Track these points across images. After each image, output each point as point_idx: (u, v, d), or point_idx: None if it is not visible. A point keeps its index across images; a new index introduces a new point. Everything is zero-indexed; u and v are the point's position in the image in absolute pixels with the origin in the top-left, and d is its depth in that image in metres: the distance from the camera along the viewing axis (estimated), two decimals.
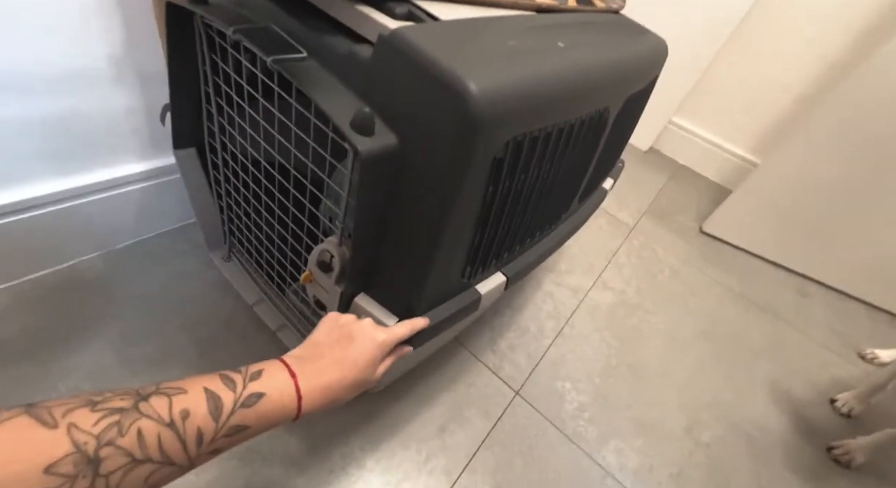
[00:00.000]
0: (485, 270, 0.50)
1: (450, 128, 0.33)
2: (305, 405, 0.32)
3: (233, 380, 0.30)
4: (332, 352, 0.36)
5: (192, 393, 0.27)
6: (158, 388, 0.27)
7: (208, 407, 0.27)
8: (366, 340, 0.38)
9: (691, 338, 0.97)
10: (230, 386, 0.29)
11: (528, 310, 0.91)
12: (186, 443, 0.26)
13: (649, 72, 0.61)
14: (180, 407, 0.26)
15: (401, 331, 0.41)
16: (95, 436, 0.22)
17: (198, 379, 0.29)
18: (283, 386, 0.32)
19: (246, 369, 0.32)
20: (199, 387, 0.28)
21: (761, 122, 1.50)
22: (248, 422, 0.29)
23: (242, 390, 0.29)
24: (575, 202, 0.64)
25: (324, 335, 0.38)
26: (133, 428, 0.24)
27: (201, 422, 0.26)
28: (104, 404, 0.24)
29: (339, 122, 0.34)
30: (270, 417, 0.30)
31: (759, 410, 0.85)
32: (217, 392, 0.28)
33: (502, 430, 0.69)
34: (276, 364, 0.33)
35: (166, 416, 0.25)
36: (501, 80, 0.34)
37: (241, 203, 0.58)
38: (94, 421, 0.23)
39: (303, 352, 0.37)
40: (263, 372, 0.32)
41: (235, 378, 0.30)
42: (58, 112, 0.58)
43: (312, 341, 0.38)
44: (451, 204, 0.36)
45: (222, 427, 0.27)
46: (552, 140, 0.42)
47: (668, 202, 1.43)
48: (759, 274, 1.24)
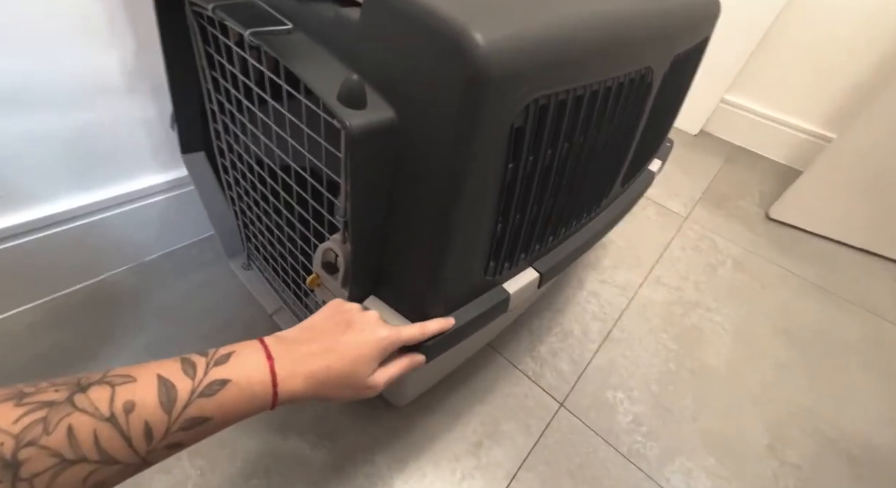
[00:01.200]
0: (512, 265, 0.43)
1: (454, 91, 0.27)
2: (283, 392, 0.28)
3: (193, 365, 0.26)
4: (325, 338, 0.32)
5: (142, 382, 0.24)
6: (104, 377, 0.23)
7: (159, 398, 0.23)
8: (365, 332, 0.33)
9: (765, 337, 0.84)
10: (189, 372, 0.25)
11: (570, 311, 0.83)
12: (132, 440, 0.22)
13: (699, 27, 0.52)
14: (125, 398, 0.22)
15: (409, 332, 0.35)
16: (14, 436, 0.19)
17: (152, 365, 0.25)
18: (254, 370, 0.27)
19: (214, 352, 0.28)
20: (152, 375, 0.24)
21: (834, 91, 1.31)
22: (209, 413, 0.25)
23: (203, 376, 0.25)
24: (617, 185, 0.56)
25: (321, 319, 0.34)
26: (62, 425, 0.20)
27: (150, 415, 0.23)
28: (33, 397, 0.21)
29: (324, 95, 0.29)
30: (237, 407, 0.26)
31: (861, 424, 0.71)
32: (171, 379, 0.24)
33: (546, 447, 0.61)
34: (251, 345, 0.29)
35: (105, 409, 0.22)
36: (515, 29, 0.28)
37: (252, 206, 0.55)
38: (16, 418, 0.20)
39: (293, 333, 0.32)
40: (233, 355, 0.27)
41: (197, 362, 0.26)
42: (75, 125, 0.58)
43: (308, 324, 0.34)
44: (460, 184, 0.30)
45: (176, 419, 0.24)
46: (584, 105, 0.35)
47: (725, 187, 1.29)
48: (843, 262, 1.07)
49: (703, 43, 0.57)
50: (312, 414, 0.60)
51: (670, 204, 1.18)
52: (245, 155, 0.50)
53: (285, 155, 0.41)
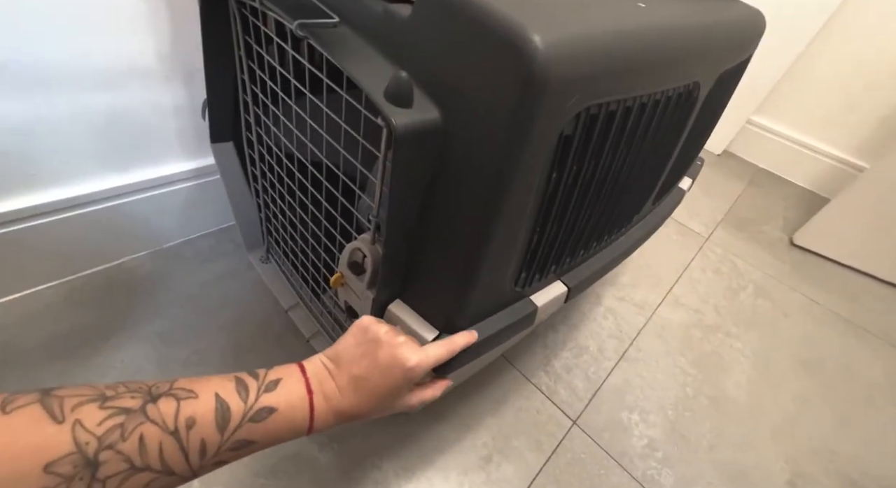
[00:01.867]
0: (542, 278, 0.42)
1: (507, 94, 0.26)
2: (317, 424, 0.30)
3: (246, 388, 0.28)
4: (352, 372, 0.32)
5: (203, 399, 0.26)
6: (171, 388, 0.25)
7: (216, 418, 0.25)
8: (392, 363, 0.32)
9: (787, 368, 0.81)
10: (242, 395, 0.27)
11: (586, 327, 0.81)
12: (189, 454, 0.24)
13: (745, 45, 0.51)
14: (187, 413, 0.24)
15: (436, 352, 0.34)
16: (98, 437, 0.21)
17: (211, 382, 0.27)
18: (297, 401, 0.29)
19: (264, 375, 0.29)
20: (211, 393, 0.26)
21: (866, 119, 1.28)
22: (255, 438, 0.27)
23: (254, 402, 0.27)
24: (649, 202, 0.55)
25: (347, 348, 0.33)
26: (136, 433, 0.22)
27: (206, 434, 0.25)
28: (114, 402, 0.23)
29: (370, 92, 0.28)
30: (279, 434, 0.28)
31: (885, 466, 0.68)
32: (227, 400, 0.26)
33: (557, 466, 0.60)
34: (294, 373, 0.31)
35: (171, 423, 0.24)
36: (572, 35, 0.27)
37: (276, 200, 0.54)
38: (100, 420, 0.22)
39: (325, 361, 0.33)
40: (280, 383, 0.29)
41: (250, 385, 0.28)
42: (108, 108, 0.58)
43: (335, 352, 0.33)
44: (504, 192, 0.29)
45: (227, 440, 0.26)
46: (633, 117, 0.34)
47: (748, 210, 1.26)
48: (869, 294, 1.04)
49: (747, 60, 0.55)
50: None
51: (692, 224, 1.15)
52: (275, 147, 0.49)
53: (318, 150, 0.40)
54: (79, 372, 0.57)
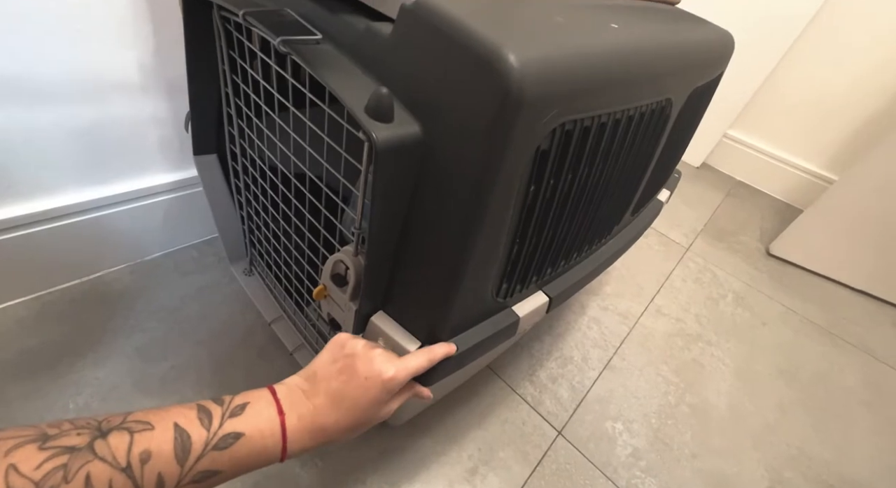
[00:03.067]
0: (523, 288, 0.42)
1: (484, 110, 0.27)
2: (292, 447, 0.28)
3: (209, 415, 0.26)
4: (329, 387, 0.31)
5: (159, 430, 0.24)
6: (124, 421, 0.24)
7: (174, 449, 0.24)
8: (371, 378, 0.31)
9: (766, 376, 0.83)
10: (205, 423, 0.26)
11: (571, 337, 0.81)
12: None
13: (716, 63, 0.53)
14: (141, 447, 0.23)
15: (415, 363, 0.34)
16: (35, 483, 0.20)
17: (171, 412, 0.25)
18: (267, 424, 0.28)
19: (229, 401, 0.28)
20: (169, 423, 0.24)
21: (837, 134, 1.34)
22: (220, 467, 0.25)
23: (218, 429, 0.26)
24: (628, 213, 0.56)
25: (324, 365, 0.32)
26: (81, 473, 0.21)
27: (163, 467, 0.23)
28: (56, 441, 0.21)
29: (352, 107, 0.29)
30: (248, 461, 0.27)
31: (863, 472, 0.69)
32: (188, 429, 0.25)
33: (542, 477, 0.59)
34: (264, 397, 0.29)
35: (122, 459, 0.22)
36: (547, 53, 0.28)
37: (260, 212, 0.54)
38: (39, 464, 0.20)
39: (300, 383, 0.32)
40: (247, 407, 0.28)
41: (213, 411, 0.27)
42: (88, 120, 0.58)
43: (311, 371, 0.33)
44: (484, 204, 0.30)
45: (188, 472, 0.24)
46: (607, 132, 0.35)
47: (727, 221, 1.30)
48: (844, 303, 1.07)
49: (718, 78, 0.58)
50: None
51: (673, 234, 1.18)
52: (258, 160, 0.49)
53: (301, 162, 0.41)
54: (51, 390, 0.56)
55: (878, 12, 1.18)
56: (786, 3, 1.24)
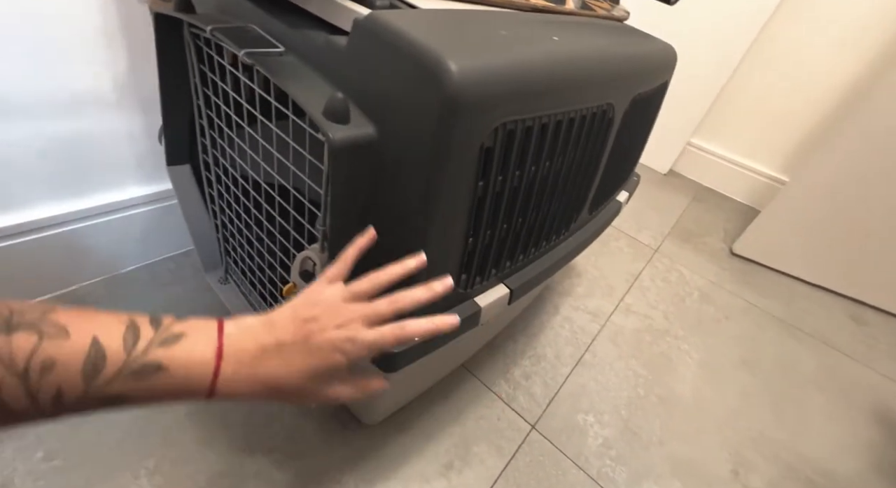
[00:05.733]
0: (484, 280, 0.45)
1: (429, 113, 0.30)
2: (221, 392, 0.26)
3: (137, 335, 0.24)
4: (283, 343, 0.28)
5: (73, 340, 0.22)
6: (40, 319, 0.22)
7: (84, 365, 0.22)
8: (323, 349, 0.28)
9: (729, 366, 0.87)
10: (128, 344, 0.23)
11: (544, 336, 0.84)
12: (39, 398, 0.21)
13: (657, 73, 0.58)
14: (46, 355, 0.21)
15: (386, 333, 0.30)
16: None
17: (95, 321, 0.23)
18: (198, 365, 0.25)
19: (168, 325, 0.25)
20: (88, 335, 0.22)
21: (787, 139, 1.43)
22: (131, 393, 0.23)
23: (141, 355, 0.23)
24: (584, 212, 0.60)
25: (285, 319, 0.29)
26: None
27: (66, 382, 0.21)
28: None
29: (311, 110, 0.31)
30: (163, 396, 0.24)
31: (819, 450, 0.73)
32: (106, 347, 0.22)
33: (516, 469, 0.61)
34: (206, 333, 0.26)
35: (21, 363, 0.20)
36: (485, 61, 0.31)
37: (233, 219, 0.56)
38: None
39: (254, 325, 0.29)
40: (183, 339, 0.25)
41: (143, 333, 0.24)
42: (62, 136, 0.59)
43: (270, 319, 0.29)
44: (434, 196, 0.33)
45: (94, 393, 0.22)
46: (549, 132, 0.39)
47: (692, 224, 1.36)
48: (801, 297, 1.13)
49: (663, 87, 0.63)
50: (281, 433, 0.58)
51: (641, 237, 1.23)
52: (231, 168, 0.52)
53: (270, 168, 0.43)
54: None
55: (823, 25, 1.28)
56: (734, 18, 1.33)
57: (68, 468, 0.50)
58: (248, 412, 0.60)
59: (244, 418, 0.59)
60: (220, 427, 0.57)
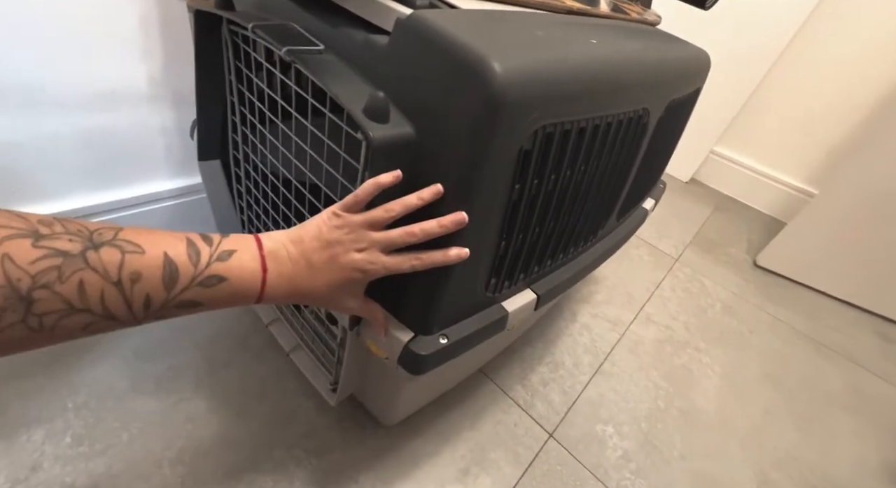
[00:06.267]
0: (512, 285, 0.44)
1: (471, 113, 0.30)
2: (266, 297, 0.31)
3: (198, 252, 0.27)
4: (310, 258, 0.32)
5: (149, 257, 0.25)
6: (115, 238, 0.24)
7: (163, 277, 0.25)
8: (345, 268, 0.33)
9: (753, 382, 0.84)
10: (192, 259, 0.27)
11: (562, 343, 0.83)
12: (132, 305, 0.24)
13: (692, 78, 0.57)
14: (132, 268, 0.24)
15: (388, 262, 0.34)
16: (31, 276, 0.21)
17: (160, 240, 0.26)
18: (249, 275, 0.29)
19: (218, 243, 0.29)
20: (159, 251, 0.25)
21: (817, 150, 1.40)
22: (202, 300, 0.28)
23: (205, 268, 0.27)
24: (613, 218, 0.59)
25: (311, 237, 0.33)
26: (74, 278, 0.22)
27: (152, 289, 0.25)
28: (48, 241, 0.22)
29: (351, 109, 0.31)
30: (226, 301, 0.29)
31: (847, 473, 0.71)
32: (177, 262, 0.26)
33: (534, 478, 0.60)
34: (250, 247, 0.30)
35: (114, 274, 0.23)
36: (528, 62, 0.31)
37: (260, 215, 0.56)
38: (33, 259, 0.21)
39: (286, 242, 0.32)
40: (234, 255, 0.29)
41: (202, 250, 0.28)
42: (97, 128, 0.60)
43: (299, 235, 0.33)
44: (472, 199, 0.32)
45: (173, 298, 0.26)
46: (587, 137, 0.38)
47: (715, 234, 1.33)
48: (828, 312, 1.10)
49: (696, 93, 0.62)
50: (301, 429, 0.58)
51: (662, 245, 1.21)
52: (261, 165, 0.52)
53: (302, 165, 0.43)
54: (48, 389, 0.56)
55: (853, 34, 1.24)
56: (766, 26, 1.31)
57: (94, 454, 0.51)
58: (269, 410, 0.60)
59: (264, 415, 0.59)
60: (240, 422, 0.58)
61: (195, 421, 0.57)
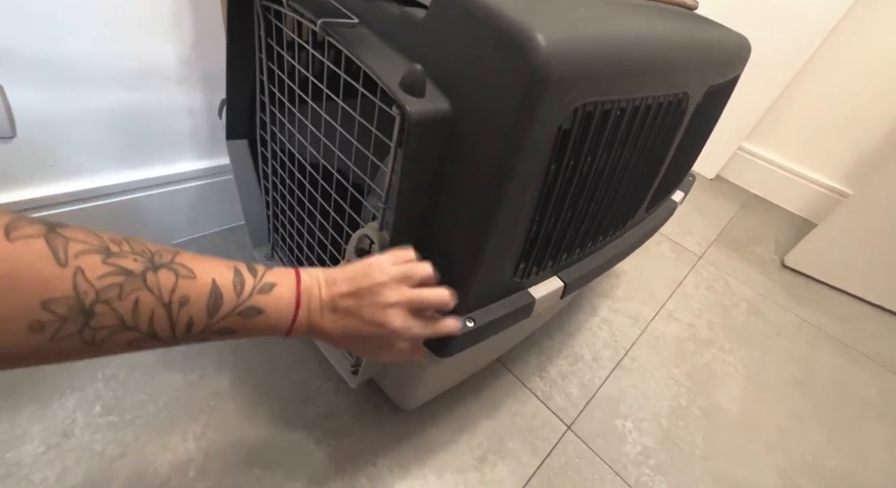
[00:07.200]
0: (540, 271, 0.43)
1: (512, 88, 0.29)
2: (295, 333, 0.32)
3: (243, 283, 0.29)
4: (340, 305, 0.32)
5: (199, 282, 0.26)
6: (172, 261, 0.26)
7: (207, 303, 0.26)
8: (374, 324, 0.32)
9: (780, 385, 0.82)
10: (237, 289, 0.28)
11: (581, 336, 0.82)
12: (176, 327, 0.26)
13: (732, 64, 0.55)
14: (183, 292, 0.25)
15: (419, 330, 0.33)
16: (97, 290, 0.22)
17: (210, 267, 0.28)
18: (285, 309, 0.30)
19: (261, 275, 0.30)
20: (209, 278, 0.27)
21: (853, 148, 1.34)
22: (237, 329, 0.29)
23: (247, 299, 0.28)
24: (643, 208, 0.57)
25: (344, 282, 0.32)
26: (132, 296, 0.23)
27: (196, 314, 0.26)
28: (117, 259, 0.23)
29: (387, 82, 0.31)
30: (258, 331, 0.30)
31: (880, 483, 0.68)
32: (223, 290, 0.27)
33: (551, 469, 0.60)
34: (289, 284, 0.31)
35: (167, 296, 0.25)
36: (573, 36, 0.30)
37: (286, 195, 0.56)
38: (101, 274, 0.22)
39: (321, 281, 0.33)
40: (274, 289, 0.30)
41: (247, 280, 0.29)
42: (127, 106, 0.61)
43: (333, 278, 0.33)
44: (508, 178, 0.32)
45: (213, 324, 0.27)
46: (626, 118, 0.37)
47: (740, 232, 1.29)
48: (859, 317, 1.06)
49: (734, 80, 0.59)
50: (320, 410, 0.59)
51: (686, 242, 1.18)
52: (288, 144, 0.52)
53: (332, 144, 0.43)
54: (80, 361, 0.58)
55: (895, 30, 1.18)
56: (804, 18, 1.25)
57: (122, 424, 0.52)
58: (290, 389, 0.60)
59: (285, 394, 0.60)
60: (261, 400, 0.58)
61: (218, 397, 0.57)
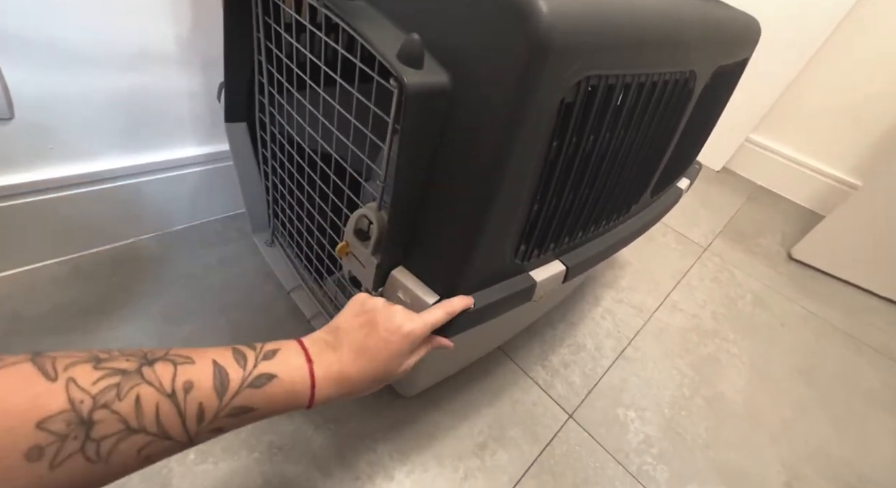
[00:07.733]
0: (541, 254, 0.43)
1: (512, 57, 0.28)
2: (319, 394, 0.30)
3: (244, 356, 0.28)
4: (352, 340, 0.32)
5: (200, 365, 0.25)
6: (167, 354, 0.25)
7: (214, 383, 0.25)
8: (391, 330, 0.33)
9: (785, 376, 0.81)
10: (240, 362, 0.27)
11: (584, 326, 0.81)
12: (186, 418, 0.24)
13: (741, 45, 0.53)
14: (185, 377, 0.24)
15: (433, 317, 0.35)
16: (92, 396, 0.21)
17: (208, 351, 0.27)
18: (297, 370, 0.29)
19: (261, 346, 0.29)
20: (208, 360, 0.26)
21: (863, 140, 1.31)
22: (255, 404, 0.27)
23: (252, 369, 0.27)
24: (647, 193, 0.56)
25: (346, 319, 0.34)
26: (132, 393, 0.22)
27: (204, 398, 0.24)
28: (108, 363, 0.22)
29: (384, 53, 0.30)
30: (280, 401, 0.28)
31: (885, 474, 0.67)
32: (226, 367, 0.26)
33: (552, 457, 0.59)
34: (292, 345, 0.30)
35: (168, 386, 0.23)
36: (576, 5, 0.29)
37: (285, 179, 0.56)
38: (94, 380, 0.21)
39: (324, 336, 0.33)
40: (278, 353, 0.29)
41: (247, 354, 0.28)
42: (126, 89, 0.60)
43: (334, 325, 0.34)
44: (508, 153, 0.31)
45: (226, 406, 0.25)
46: (631, 94, 0.36)
47: (746, 224, 1.28)
48: (866, 309, 1.04)
49: (743, 63, 0.58)
50: None
51: (691, 234, 1.17)
52: (287, 126, 0.51)
53: (330, 124, 0.42)
54: (81, 344, 0.58)
55: None
56: (812, 7, 1.23)
57: None
58: None
59: None
60: None
61: None
